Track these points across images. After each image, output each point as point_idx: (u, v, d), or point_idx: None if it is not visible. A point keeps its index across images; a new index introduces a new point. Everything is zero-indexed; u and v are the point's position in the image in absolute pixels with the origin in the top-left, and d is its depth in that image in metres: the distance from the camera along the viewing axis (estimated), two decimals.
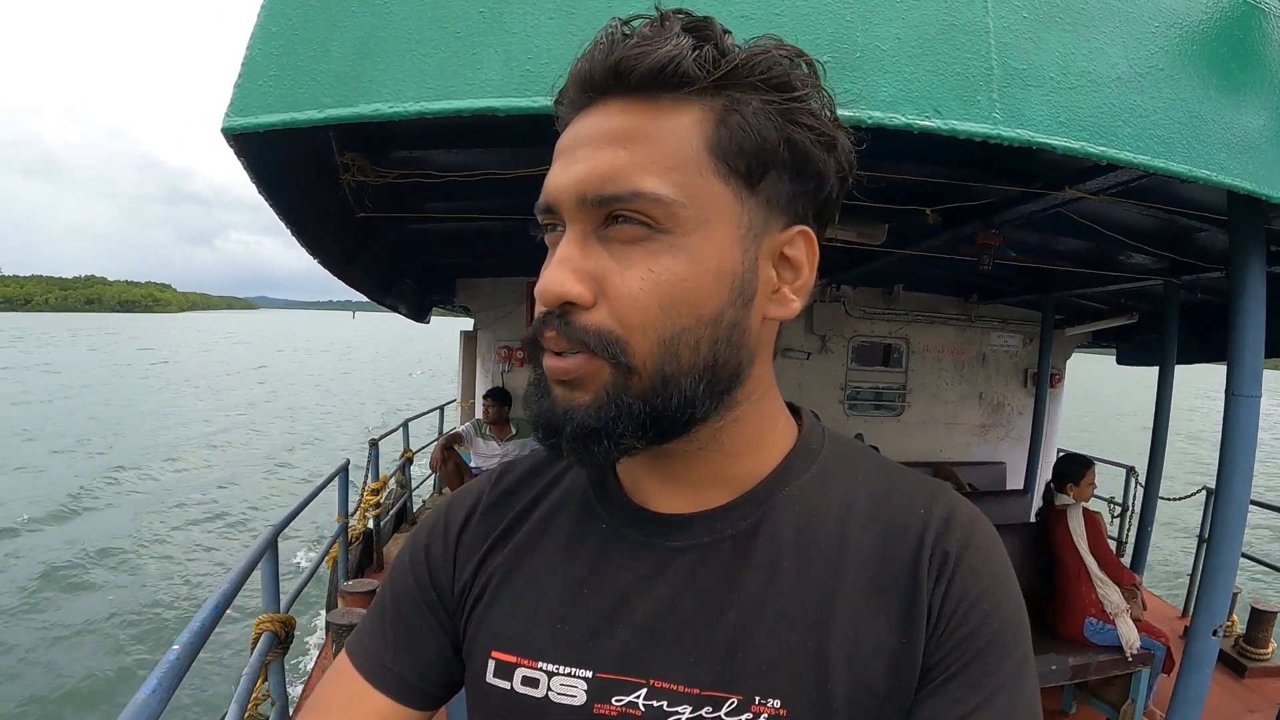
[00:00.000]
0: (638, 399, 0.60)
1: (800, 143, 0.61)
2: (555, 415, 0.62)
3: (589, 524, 0.74)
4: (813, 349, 6.82)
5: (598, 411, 0.60)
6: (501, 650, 0.71)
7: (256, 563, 2.87)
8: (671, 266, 0.59)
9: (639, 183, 0.58)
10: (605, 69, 0.60)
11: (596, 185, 0.58)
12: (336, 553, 5.31)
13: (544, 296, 0.60)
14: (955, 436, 7.28)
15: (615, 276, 0.59)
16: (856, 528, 0.68)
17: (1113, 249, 4.00)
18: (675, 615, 0.67)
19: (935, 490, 0.71)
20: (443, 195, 3.41)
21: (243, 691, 2.56)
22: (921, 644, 0.63)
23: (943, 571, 0.64)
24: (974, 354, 7.23)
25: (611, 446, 0.61)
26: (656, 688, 0.65)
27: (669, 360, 0.60)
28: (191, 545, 12.52)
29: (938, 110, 1.35)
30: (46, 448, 20.36)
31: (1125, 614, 3.68)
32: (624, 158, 0.58)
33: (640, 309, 0.58)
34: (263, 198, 2.10)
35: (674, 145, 0.59)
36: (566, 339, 0.60)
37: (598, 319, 0.59)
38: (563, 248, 0.61)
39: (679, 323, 0.59)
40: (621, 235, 0.59)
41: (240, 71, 1.39)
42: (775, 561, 0.67)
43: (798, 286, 0.67)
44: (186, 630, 1.88)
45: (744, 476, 0.70)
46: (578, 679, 0.67)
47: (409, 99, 1.34)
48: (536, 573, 0.73)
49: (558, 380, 0.62)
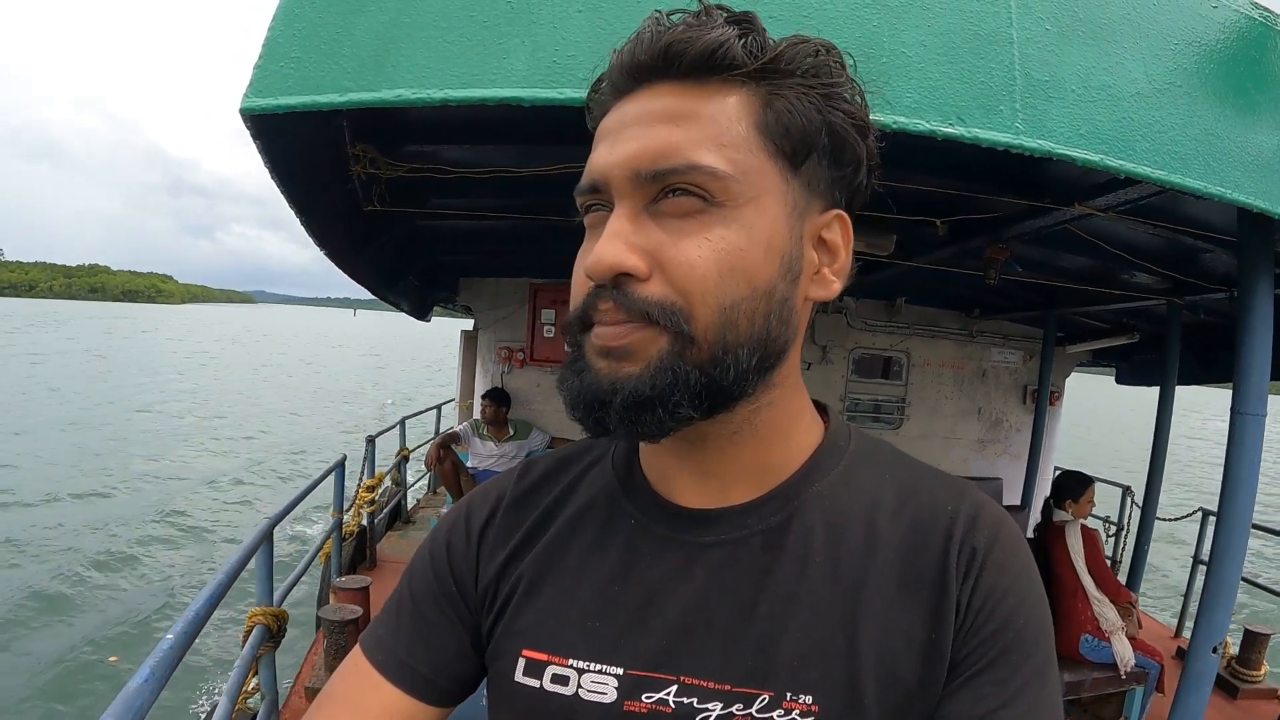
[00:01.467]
0: (695, 368, 0.60)
1: (839, 128, 0.63)
2: (600, 388, 0.61)
3: (617, 521, 0.74)
4: (813, 359, 6.81)
5: (652, 379, 0.59)
6: (532, 649, 0.70)
7: (251, 555, 2.87)
8: (727, 236, 0.59)
9: (695, 156, 0.58)
10: (654, 53, 0.60)
11: (650, 160, 0.59)
12: (330, 548, 5.30)
13: (598, 269, 0.60)
14: (953, 451, 7.28)
15: (670, 248, 0.59)
16: (885, 523, 0.68)
17: (1116, 267, 4.01)
18: (706, 611, 0.67)
19: (961, 487, 0.71)
20: (451, 191, 3.40)
21: (234, 684, 2.56)
22: (950, 638, 0.63)
23: (971, 567, 0.65)
24: (974, 369, 7.23)
25: (666, 416, 0.60)
26: (687, 684, 0.65)
27: (729, 329, 0.60)
28: (188, 536, 12.46)
29: (961, 118, 1.36)
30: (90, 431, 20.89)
31: (1121, 632, 3.69)
32: (678, 134, 0.59)
33: (699, 276, 0.59)
34: (275, 184, 2.10)
35: (725, 124, 0.60)
36: (625, 309, 0.59)
37: (657, 290, 0.59)
38: (614, 223, 0.61)
39: (736, 292, 0.60)
40: (676, 209, 0.60)
41: (261, 52, 1.38)
42: (805, 557, 0.67)
43: (836, 269, 0.68)
44: (180, 620, 1.87)
45: (774, 469, 0.71)
46: (608, 676, 0.67)
47: (433, 86, 1.34)
48: (567, 572, 0.73)
49: (604, 351, 0.61)
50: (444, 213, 3.87)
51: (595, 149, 0.64)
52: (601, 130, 0.65)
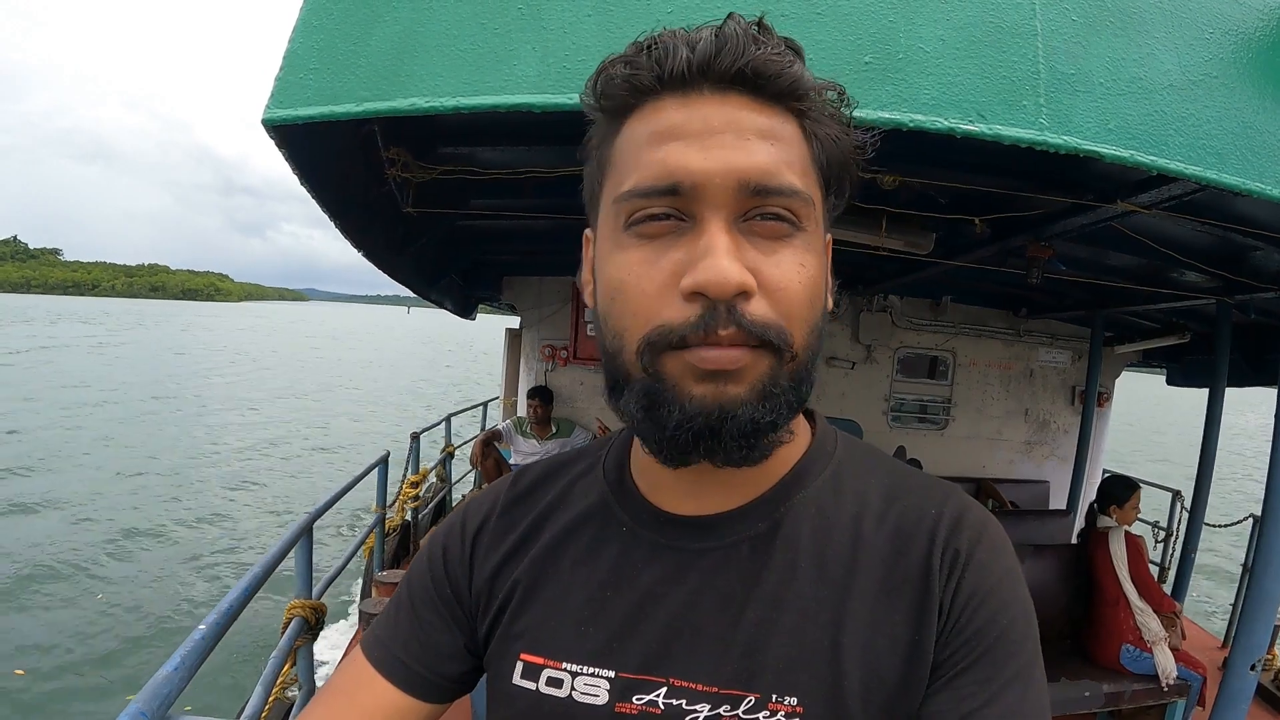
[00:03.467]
0: (790, 389, 0.61)
1: (849, 166, 0.67)
2: (708, 415, 0.59)
3: (610, 528, 0.75)
4: (858, 359, 6.73)
5: (761, 404, 0.60)
6: (530, 652, 0.72)
7: (290, 548, 2.92)
8: (810, 262, 0.62)
9: (794, 180, 0.60)
10: (741, 64, 0.59)
11: (759, 175, 0.59)
12: (373, 543, 5.37)
13: (720, 287, 0.57)
14: (999, 453, 7.14)
15: (770, 269, 0.60)
16: (870, 528, 0.70)
17: (1165, 266, 3.90)
18: (696, 616, 0.68)
19: (946, 491, 0.73)
20: (488, 192, 3.43)
21: (270, 674, 2.60)
22: (933, 639, 0.64)
23: (954, 569, 0.66)
24: (1021, 369, 7.08)
25: (774, 440, 0.62)
26: (676, 686, 0.66)
27: (811, 350, 0.63)
28: (231, 527, 12.84)
29: (982, 114, 1.33)
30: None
31: (1163, 642, 3.59)
32: (776, 153, 0.60)
33: (796, 301, 0.60)
34: (307, 190, 2.13)
35: (800, 150, 0.62)
36: (744, 331, 0.58)
37: (763, 311, 0.59)
38: (720, 237, 0.58)
39: (815, 315, 0.63)
40: (767, 231, 0.60)
41: (282, 65, 1.42)
42: (793, 562, 0.68)
43: (830, 290, 0.69)
44: (214, 611, 1.91)
45: (762, 478, 0.72)
46: (600, 679, 0.68)
47: (446, 94, 1.36)
48: (561, 577, 0.74)
49: (708, 375, 0.59)
50: (483, 213, 3.88)
51: (665, 146, 0.60)
52: (673, 128, 0.60)
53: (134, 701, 1.38)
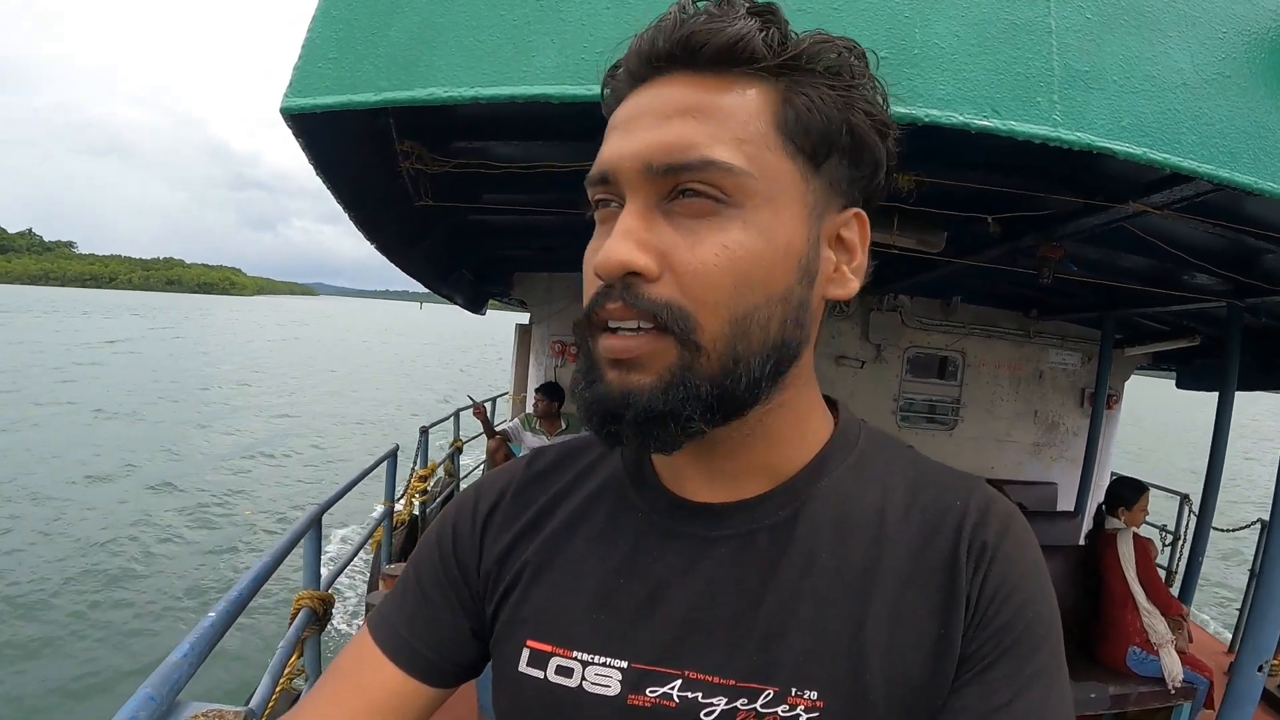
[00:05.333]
0: (705, 380, 0.59)
1: (859, 129, 0.62)
2: (612, 399, 0.60)
3: (625, 513, 0.74)
4: (867, 358, 6.70)
5: (664, 394, 0.58)
6: (536, 639, 0.70)
7: (298, 540, 2.93)
8: (744, 241, 0.58)
9: (710, 152, 0.57)
10: (673, 42, 0.59)
11: (664, 154, 0.58)
12: (381, 536, 5.39)
13: (606, 267, 0.58)
14: (1007, 454, 7.11)
15: (684, 251, 0.58)
16: (894, 518, 0.68)
17: (1176, 268, 3.88)
18: (712, 606, 0.66)
19: (971, 483, 0.71)
20: (501, 187, 3.42)
21: (277, 664, 2.60)
22: (960, 633, 0.63)
23: (980, 561, 0.64)
24: (1031, 370, 7.05)
25: (678, 431, 0.60)
26: (691, 679, 0.64)
27: (740, 339, 0.59)
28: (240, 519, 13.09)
29: (996, 110, 1.33)
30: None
31: (1170, 645, 3.59)
32: (694, 127, 0.58)
33: (713, 285, 0.57)
34: (322, 181, 2.15)
35: (743, 119, 0.59)
36: (635, 310, 0.58)
37: (666, 292, 0.58)
38: (624, 219, 0.59)
39: (751, 300, 0.59)
40: (689, 209, 0.58)
41: (300, 53, 1.43)
42: (813, 552, 0.66)
43: (855, 267, 0.67)
44: (224, 599, 1.91)
45: (783, 466, 0.70)
46: (613, 669, 0.67)
47: (464, 84, 1.36)
48: (572, 562, 0.73)
49: (615, 362, 0.60)
50: (495, 207, 3.88)
51: (608, 139, 0.63)
52: (615, 119, 0.63)
53: (144, 686, 1.39)
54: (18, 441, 16.90)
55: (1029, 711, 0.60)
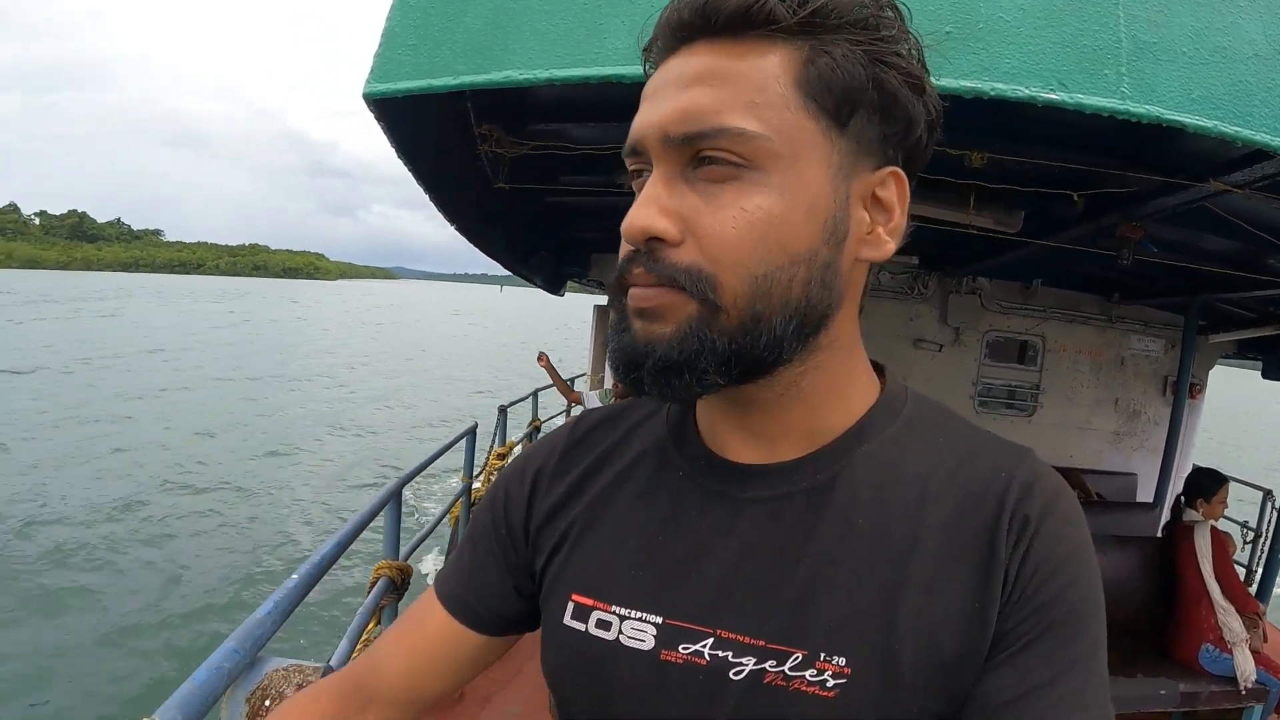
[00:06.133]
0: (723, 336, 0.60)
1: (888, 84, 0.61)
2: (636, 348, 0.62)
3: (667, 472, 0.75)
4: (945, 341, 6.51)
5: (680, 344, 0.60)
6: (581, 593, 0.72)
7: (379, 511, 3.03)
8: (763, 204, 0.58)
9: (723, 119, 0.58)
10: (693, 10, 0.60)
11: (679, 123, 0.59)
12: (459, 511, 5.49)
13: (629, 233, 0.60)
14: (1087, 442, 6.87)
15: (705, 216, 0.59)
16: (936, 488, 0.66)
17: (1261, 251, 3.71)
18: (747, 566, 0.66)
19: (1019, 455, 0.68)
20: (578, 169, 3.47)
21: (355, 628, 2.68)
22: (996, 610, 0.61)
23: (1022, 536, 0.62)
24: (1112, 357, 6.78)
25: (694, 381, 0.60)
26: (723, 638, 0.65)
27: (760, 299, 0.59)
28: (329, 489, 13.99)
29: (1063, 83, 1.33)
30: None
31: (1244, 644, 3.48)
32: (708, 95, 0.58)
33: (732, 246, 0.58)
34: (403, 163, 2.23)
35: (760, 82, 0.58)
36: (656, 275, 0.60)
37: (688, 256, 0.59)
38: (649, 187, 0.61)
39: (772, 261, 0.59)
40: (710, 175, 0.59)
41: (380, 40, 1.49)
42: (850, 518, 0.66)
43: (891, 228, 0.66)
44: (306, 563, 2.03)
45: (823, 429, 0.70)
46: (648, 624, 0.68)
47: (539, 66, 1.41)
48: (616, 519, 0.75)
49: (638, 312, 0.62)
50: (572, 189, 3.90)
51: (639, 111, 0.64)
52: (645, 93, 0.64)
53: (229, 640, 1.47)
54: (159, 408, 19.81)
55: (1067, 697, 0.59)
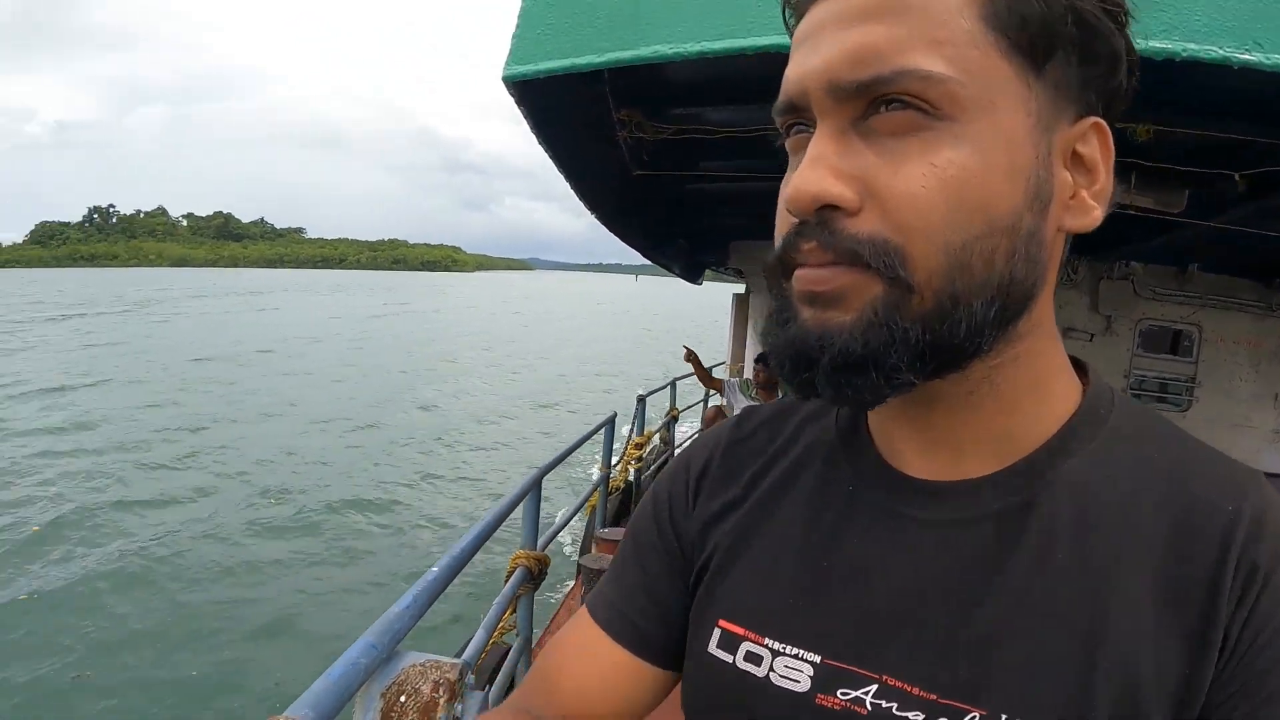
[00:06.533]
0: (916, 323, 0.50)
1: (1088, 15, 0.50)
2: (807, 341, 0.52)
3: (833, 485, 0.65)
4: (1096, 330, 6.02)
5: (864, 334, 0.50)
6: (729, 620, 0.64)
7: (519, 502, 3.06)
8: (956, 159, 0.48)
9: (904, 59, 0.48)
10: None
11: (850, 68, 0.49)
12: (596, 501, 5.51)
13: (798, 201, 0.50)
14: (1243, 440, 6.22)
15: (886, 175, 0.49)
16: (1146, 517, 0.55)
17: None
18: (922, 603, 0.57)
19: (1245, 480, 0.56)
20: (717, 154, 3.36)
21: (492, 618, 2.70)
22: (1210, 675, 0.50)
23: (1249, 588, 0.50)
24: (1272, 348, 6.11)
25: (881, 381, 0.51)
26: (889, 685, 0.56)
27: (959, 274, 0.49)
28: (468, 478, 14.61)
29: (1259, 42, 1.22)
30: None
31: None
32: (882, 32, 0.48)
33: (923, 210, 0.48)
34: (543, 148, 2.23)
35: (941, 15, 0.48)
36: (833, 250, 0.50)
37: (869, 225, 0.49)
38: (815, 144, 0.51)
39: (970, 228, 0.49)
40: (889, 125, 0.49)
41: (518, 22, 1.46)
42: (1047, 550, 0.55)
43: (1096, 191, 0.55)
44: (446, 555, 2.02)
45: (1018, 438, 0.59)
46: (804, 662, 0.59)
47: (690, 39, 1.34)
48: (773, 537, 0.66)
49: (809, 297, 0.52)
50: (711, 175, 3.77)
51: (791, 59, 0.54)
52: (797, 38, 0.54)
53: (366, 634, 1.45)
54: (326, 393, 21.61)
55: None
